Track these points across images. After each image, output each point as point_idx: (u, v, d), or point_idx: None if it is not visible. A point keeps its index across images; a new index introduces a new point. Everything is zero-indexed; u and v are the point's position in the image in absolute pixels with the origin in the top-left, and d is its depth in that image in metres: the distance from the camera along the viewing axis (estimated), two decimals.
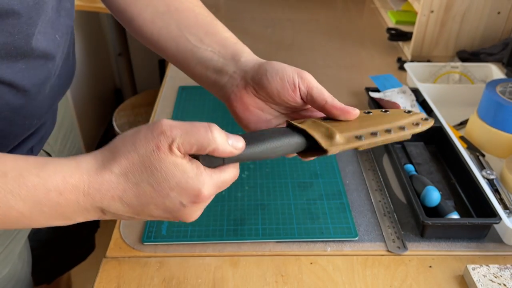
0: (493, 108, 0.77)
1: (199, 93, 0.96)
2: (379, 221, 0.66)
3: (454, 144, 0.74)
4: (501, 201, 0.68)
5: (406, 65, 0.98)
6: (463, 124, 0.87)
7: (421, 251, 0.61)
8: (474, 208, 0.67)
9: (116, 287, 0.56)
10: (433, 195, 0.64)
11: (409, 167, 0.73)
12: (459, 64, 0.98)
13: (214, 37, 0.53)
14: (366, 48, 1.18)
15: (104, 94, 2.24)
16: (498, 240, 0.63)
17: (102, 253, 0.61)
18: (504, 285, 0.55)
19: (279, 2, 1.47)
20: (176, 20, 0.54)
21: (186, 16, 0.54)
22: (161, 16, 0.55)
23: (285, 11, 1.40)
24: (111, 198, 0.36)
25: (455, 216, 0.63)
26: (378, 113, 0.49)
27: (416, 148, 0.78)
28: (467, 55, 1.08)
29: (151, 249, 0.61)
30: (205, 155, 0.39)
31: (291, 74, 0.47)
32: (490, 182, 0.71)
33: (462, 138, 0.82)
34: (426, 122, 0.49)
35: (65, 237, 0.83)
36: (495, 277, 0.56)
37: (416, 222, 0.65)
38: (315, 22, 1.33)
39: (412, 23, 1.18)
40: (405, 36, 1.17)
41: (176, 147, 0.37)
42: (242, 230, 0.64)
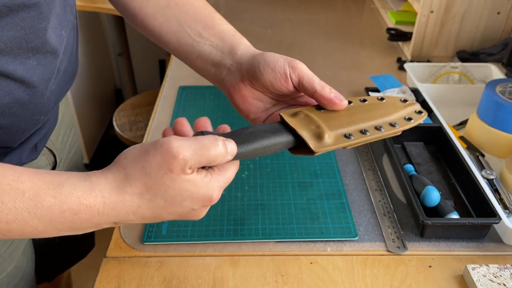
0: (492, 108, 0.77)
1: (199, 93, 0.96)
2: (379, 221, 0.66)
3: (454, 144, 0.74)
4: (500, 201, 0.68)
5: (406, 65, 0.98)
6: (463, 124, 0.87)
7: (421, 251, 0.61)
8: (474, 208, 0.67)
9: (116, 286, 0.56)
10: (433, 195, 0.64)
11: (409, 167, 0.73)
12: (458, 64, 0.99)
13: (213, 30, 0.54)
14: (366, 48, 1.18)
15: (104, 94, 2.24)
16: (497, 240, 0.63)
17: (102, 253, 0.61)
18: (504, 285, 0.55)
19: (279, 2, 1.47)
20: (176, 14, 0.55)
21: (186, 10, 0.55)
22: (162, 10, 0.56)
23: (285, 11, 1.40)
24: (125, 214, 0.38)
25: (455, 216, 0.63)
26: (373, 102, 0.49)
27: (416, 148, 0.78)
28: (467, 55, 1.08)
29: (151, 249, 0.61)
30: None
31: (282, 64, 0.48)
32: (490, 182, 0.71)
33: (462, 138, 0.82)
34: (419, 116, 0.49)
35: (64, 235, 0.84)
36: (495, 277, 0.56)
37: (416, 222, 0.65)
38: (315, 22, 1.33)
39: (412, 23, 1.18)
40: (405, 36, 1.17)
41: (188, 168, 0.38)
42: (242, 230, 0.64)
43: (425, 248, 0.62)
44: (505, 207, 0.67)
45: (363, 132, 0.46)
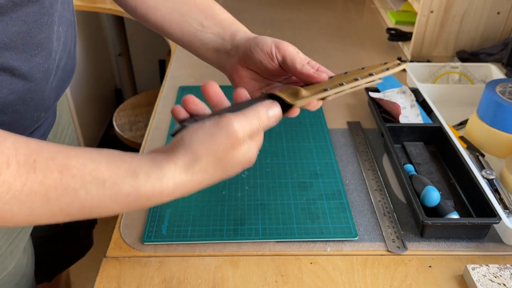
0: (492, 108, 0.77)
1: (199, 93, 0.95)
2: (379, 221, 0.66)
3: (454, 144, 0.74)
4: (500, 201, 0.68)
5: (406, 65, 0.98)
6: (462, 124, 0.87)
7: (421, 251, 0.62)
8: (473, 208, 0.67)
9: (116, 286, 0.56)
10: (433, 195, 0.64)
11: (409, 167, 0.73)
12: (458, 64, 0.99)
13: (213, 20, 0.58)
14: (366, 48, 1.18)
15: (104, 94, 2.24)
16: (497, 240, 0.63)
17: (102, 252, 0.61)
18: (504, 285, 0.55)
19: (279, 2, 1.47)
20: (177, 6, 0.59)
21: (186, 1, 0.60)
22: (163, 2, 0.60)
23: (285, 11, 1.40)
24: (189, 190, 0.43)
25: (454, 216, 0.63)
26: (354, 70, 0.52)
27: (416, 148, 0.78)
28: (466, 55, 1.08)
29: (151, 249, 0.61)
30: None
31: (270, 45, 0.53)
32: (490, 182, 0.71)
33: (461, 138, 0.82)
34: (397, 66, 0.51)
35: (64, 234, 0.84)
36: (495, 277, 0.56)
37: (416, 222, 0.65)
38: (315, 22, 1.33)
39: (412, 23, 1.18)
40: (405, 36, 1.17)
41: (244, 142, 0.43)
42: (242, 230, 0.64)
43: (425, 248, 0.62)
44: (505, 207, 0.67)
45: (340, 84, 0.49)
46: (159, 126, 0.86)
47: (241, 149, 0.43)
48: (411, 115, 0.83)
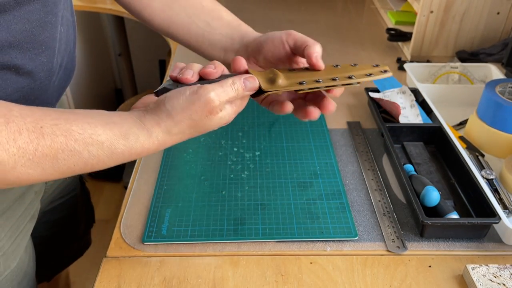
0: (492, 108, 0.77)
1: None
2: (378, 221, 0.66)
3: (454, 144, 0.74)
4: (500, 201, 0.68)
5: (406, 65, 0.99)
6: (462, 124, 0.87)
7: (421, 251, 0.62)
8: (473, 208, 0.67)
9: (117, 286, 0.56)
10: (433, 195, 0.64)
11: (409, 167, 0.73)
12: (458, 64, 0.99)
13: (221, 21, 0.61)
14: (366, 48, 1.18)
15: (104, 94, 2.24)
16: (497, 240, 0.63)
17: (102, 252, 0.61)
18: (504, 284, 0.55)
19: (279, 3, 1.47)
20: (184, 8, 0.61)
21: (192, 3, 0.61)
22: (170, 5, 0.61)
23: (285, 12, 1.40)
24: (168, 146, 0.49)
25: (454, 216, 0.63)
26: (345, 66, 0.52)
27: (415, 148, 0.79)
28: (466, 55, 1.08)
29: (151, 248, 0.62)
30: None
31: (279, 34, 0.56)
32: (490, 182, 0.71)
33: (461, 138, 0.82)
34: (381, 73, 0.51)
35: (63, 233, 0.84)
36: (495, 276, 0.56)
37: (416, 222, 0.65)
38: (315, 23, 1.34)
39: (412, 24, 1.19)
40: (404, 37, 1.17)
41: (221, 108, 0.48)
42: (242, 230, 0.64)
43: (425, 248, 0.62)
44: (504, 207, 0.67)
45: (317, 81, 0.50)
46: None
47: (217, 115, 0.48)
48: (411, 115, 0.83)
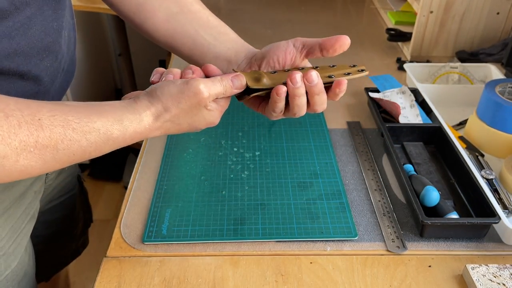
0: (492, 108, 0.77)
1: None
2: (378, 221, 0.66)
3: (454, 144, 0.74)
4: (500, 201, 0.68)
5: (406, 66, 0.99)
6: (462, 124, 0.87)
7: (421, 250, 0.62)
8: (473, 208, 0.67)
9: (117, 286, 0.57)
10: (433, 195, 0.65)
11: (409, 167, 0.73)
12: (458, 64, 0.99)
13: (227, 37, 0.62)
14: (366, 48, 1.18)
15: (104, 94, 2.24)
16: (497, 239, 0.63)
17: (102, 252, 0.61)
18: (503, 284, 0.55)
19: (279, 3, 1.47)
20: (190, 20, 0.61)
21: (199, 17, 0.62)
22: (175, 16, 0.61)
23: (285, 12, 1.40)
24: (159, 134, 0.51)
25: (454, 216, 0.63)
26: (325, 67, 0.55)
27: (415, 148, 0.79)
28: (466, 56, 1.08)
29: (151, 248, 0.62)
30: None
31: (286, 42, 0.58)
32: (489, 182, 0.71)
33: (461, 138, 0.82)
34: (358, 72, 0.53)
35: (60, 233, 0.84)
36: (494, 276, 0.56)
37: (416, 222, 0.65)
38: (315, 23, 1.34)
39: (412, 24, 1.19)
40: (404, 37, 1.17)
41: (210, 102, 0.50)
42: (242, 229, 0.64)
43: (425, 248, 0.62)
44: (504, 207, 0.67)
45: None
46: None
47: (205, 108, 0.50)
48: (410, 115, 0.83)
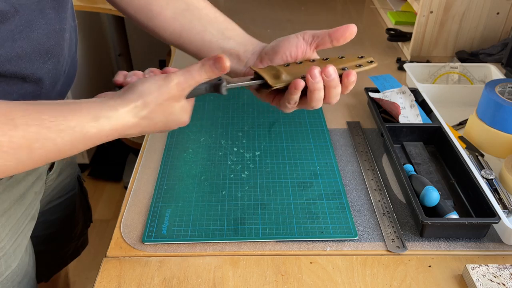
0: (492, 108, 0.77)
1: None
2: (378, 221, 0.66)
3: (453, 144, 0.74)
4: (500, 201, 0.68)
5: (406, 66, 0.99)
6: (462, 124, 0.87)
7: (421, 250, 0.62)
8: (473, 208, 0.67)
9: (117, 286, 0.57)
10: (432, 195, 0.65)
11: (408, 167, 0.73)
12: (458, 64, 0.99)
13: (234, 32, 0.63)
14: (366, 48, 1.18)
15: None
16: (497, 239, 0.63)
17: (102, 252, 0.62)
18: (503, 284, 0.55)
19: (279, 3, 1.47)
20: (197, 17, 0.62)
21: (206, 13, 0.62)
22: (182, 13, 0.62)
23: (285, 12, 1.40)
24: (137, 133, 0.50)
25: (454, 216, 0.63)
26: (334, 59, 0.57)
27: (415, 148, 0.79)
28: (466, 56, 1.08)
29: (151, 248, 0.62)
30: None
31: (293, 35, 0.59)
32: (489, 182, 0.71)
33: (461, 138, 0.82)
34: (369, 64, 0.56)
35: (60, 233, 0.84)
36: (494, 276, 0.56)
37: (416, 222, 0.65)
38: (315, 23, 1.34)
39: (412, 24, 1.19)
40: (404, 37, 1.17)
41: (184, 95, 0.50)
42: (242, 229, 0.64)
43: (425, 248, 0.62)
44: (504, 207, 0.68)
45: None
46: None
47: (180, 104, 0.50)
48: (410, 115, 0.83)
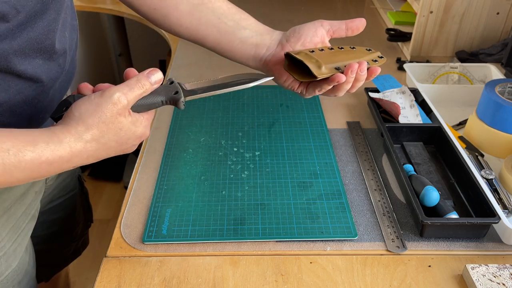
0: (492, 108, 0.77)
1: None
2: (378, 220, 0.66)
3: (453, 144, 0.74)
4: (500, 200, 0.68)
5: (406, 66, 0.99)
6: (462, 124, 0.87)
7: (420, 250, 0.62)
8: (473, 207, 0.67)
9: (117, 286, 0.57)
10: (432, 195, 0.65)
11: (408, 167, 0.73)
12: (458, 64, 0.99)
13: (248, 21, 0.64)
14: None
15: None
16: (497, 239, 0.63)
17: (102, 252, 0.62)
18: (503, 284, 0.55)
19: (279, 3, 1.47)
20: (211, 10, 0.63)
21: (219, 6, 0.63)
22: (197, 7, 0.62)
23: (285, 12, 1.40)
24: (86, 158, 0.47)
25: (454, 215, 0.63)
26: (348, 49, 0.61)
27: (415, 148, 0.79)
28: (466, 56, 1.08)
29: (151, 248, 0.62)
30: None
31: (311, 23, 0.61)
32: (489, 182, 0.71)
33: (461, 138, 0.82)
34: (381, 60, 0.60)
35: (61, 233, 0.84)
36: (494, 276, 0.56)
37: (415, 222, 0.65)
38: None
39: (412, 24, 1.19)
40: (404, 37, 1.17)
41: (129, 108, 0.48)
42: (242, 229, 0.64)
43: (425, 247, 0.62)
44: (504, 207, 0.68)
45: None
46: (159, 126, 0.86)
47: (129, 118, 0.48)
48: (410, 115, 0.83)
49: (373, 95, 0.88)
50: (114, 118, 0.46)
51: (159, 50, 2.17)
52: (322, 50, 0.59)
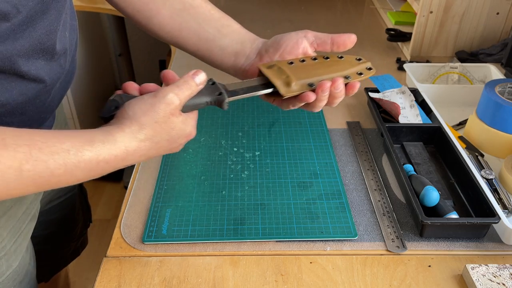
0: (492, 108, 0.77)
1: None
2: (378, 220, 0.66)
3: (453, 144, 0.74)
4: (500, 200, 0.68)
5: (405, 66, 0.99)
6: (462, 124, 0.88)
7: (420, 250, 0.62)
8: (473, 207, 0.67)
9: (117, 286, 0.57)
10: (432, 195, 0.65)
11: (408, 167, 0.73)
12: (458, 64, 0.99)
13: (230, 28, 0.62)
14: (366, 48, 1.18)
15: (104, 94, 2.24)
16: (497, 239, 0.63)
17: (102, 252, 0.62)
18: (503, 284, 0.55)
19: (279, 3, 1.47)
20: (193, 15, 0.62)
21: (201, 11, 0.62)
22: (178, 12, 0.62)
23: (284, 12, 1.40)
24: (138, 157, 0.48)
25: (454, 215, 0.63)
26: (334, 59, 0.59)
27: (415, 148, 0.79)
28: (466, 56, 1.08)
29: (151, 248, 0.62)
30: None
31: (295, 33, 0.59)
32: (489, 182, 0.71)
33: (461, 138, 0.82)
34: (368, 72, 0.57)
35: (60, 233, 0.84)
36: (494, 276, 0.56)
37: (415, 222, 0.65)
38: (315, 23, 1.34)
39: (411, 24, 1.19)
40: (404, 37, 1.18)
41: (180, 109, 0.49)
42: (242, 229, 0.64)
43: (425, 247, 0.62)
44: (504, 207, 0.68)
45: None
46: None
47: (180, 118, 0.49)
48: (410, 115, 0.83)
49: (373, 95, 0.88)
50: (167, 118, 0.47)
51: (159, 50, 2.17)
52: (303, 61, 0.57)
